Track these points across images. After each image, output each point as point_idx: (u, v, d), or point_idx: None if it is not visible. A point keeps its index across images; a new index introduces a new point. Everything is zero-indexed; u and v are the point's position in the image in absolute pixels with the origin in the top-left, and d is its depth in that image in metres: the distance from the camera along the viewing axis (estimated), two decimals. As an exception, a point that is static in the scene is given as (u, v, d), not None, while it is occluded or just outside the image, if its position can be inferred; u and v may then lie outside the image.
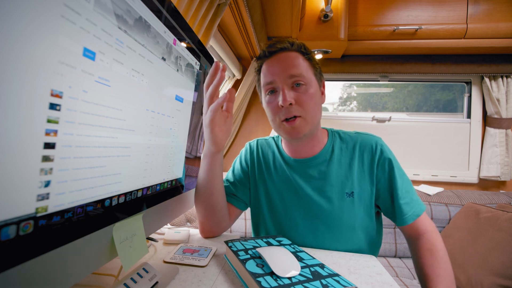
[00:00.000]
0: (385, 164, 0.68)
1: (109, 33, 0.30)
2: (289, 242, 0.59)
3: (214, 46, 1.26)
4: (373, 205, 0.67)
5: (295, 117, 0.63)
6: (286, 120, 0.64)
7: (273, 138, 0.82)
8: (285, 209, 0.71)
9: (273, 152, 0.77)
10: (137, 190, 0.41)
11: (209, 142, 0.60)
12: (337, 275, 0.45)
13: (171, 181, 0.54)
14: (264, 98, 0.69)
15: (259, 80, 0.71)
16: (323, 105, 0.95)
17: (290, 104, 0.62)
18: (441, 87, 1.95)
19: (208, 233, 0.70)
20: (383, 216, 0.73)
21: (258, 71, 0.71)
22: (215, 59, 0.65)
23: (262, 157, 0.78)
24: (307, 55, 0.67)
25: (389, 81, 1.85)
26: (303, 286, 0.40)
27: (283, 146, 0.77)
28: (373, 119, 1.83)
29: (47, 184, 0.24)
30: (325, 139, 0.72)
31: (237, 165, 0.80)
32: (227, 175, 0.80)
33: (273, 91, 0.66)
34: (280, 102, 0.62)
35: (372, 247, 0.71)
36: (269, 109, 0.67)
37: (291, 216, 0.71)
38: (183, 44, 0.50)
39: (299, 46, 0.66)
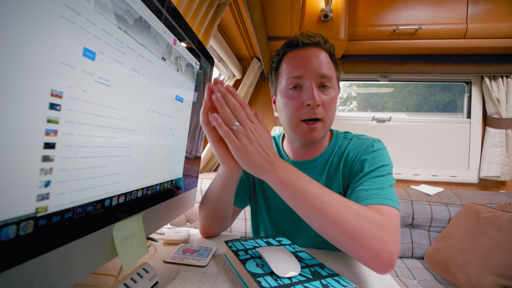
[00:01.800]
0: (362, 156, 0.62)
1: (109, 33, 0.30)
2: (289, 242, 0.59)
3: (214, 46, 1.26)
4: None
5: (317, 120, 0.60)
6: (308, 121, 0.60)
7: (274, 137, 0.81)
8: (281, 209, 0.72)
9: None
10: (137, 190, 0.41)
11: (217, 158, 0.53)
12: (337, 275, 0.45)
13: (171, 181, 0.54)
14: (283, 90, 0.63)
15: (277, 71, 0.66)
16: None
17: (318, 105, 0.59)
18: (441, 87, 1.95)
19: (209, 234, 0.71)
20: None
21: (279, 62, 0.66)
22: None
23: None
24: (333, 57, 0.65)
25: (389, 81, 1.85)
26: (303, 286, 0.40)
27: (284, 146, 0.75)
28: (373, 119, 1.83)
29: (47, 184, 0.24)
30: (328, 142, 0.71)
31: None
32: None
33: (296, 87, 0.61)
34: (308, 101, 0.58)
35: None
36: (289, 106, 0.62)
37: (286, 217, 0.71)
38: (183, 44, 0.50)
39: (331, 46, 0.63)
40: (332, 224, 0.44)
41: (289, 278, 0.42)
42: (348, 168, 0.64)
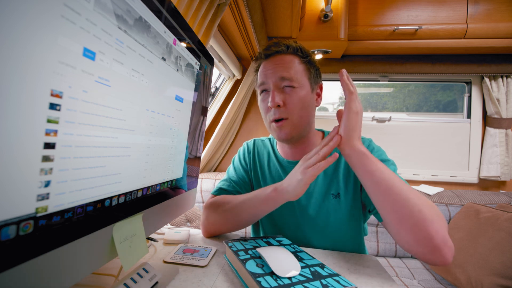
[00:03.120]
0: None
1: (109, 33, 0.30)
2: (289, 242, 0.59)
3: (214, 46, 1.26)
4: (358, 205, 0.67)
5: (282, 119, 0.65)
6: (275, 121, 0.66)
7: (269, 138, 0.83)
8: (278, 209, 0.72)
9: (268, 152, 0.79)
10: (137, 190, 0.41)
11: (294, 192, 0.55)
12: (337, 275, 0.45)
13: (171, 181, 0.54)
14: (258, 96, 0.72)
15: (256, 80, 0.73)
16: (322, 106, 0.96)
17: (278, 106, 0.64)
18: (441, 87, 1.94)
19: (213, 235, 0.71)
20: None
21: (256, 71, 0.73)
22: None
23: (258, 157, 0.79)
24: (305, 58, 0.68)
25: (389, 81, 1.85)
26: (303, 286, 0.40)
27: (278, 147, 0.78)
28: (373, 119, 1.83)
29: (47, 184, 0.24)
30: (319, 142, 0.73)
31: (237, 164, 0.81)
32: (230, 173, 0.80)
33: (264, 91, 0.68)
34: (269, 103, 0.64)
35: (358, 246, 0.70)
36: (262, 109, 0.70)
37: (284, 216, 0.72)
38: (183, 44, 0.50)
39: (295, 49, 0.67)
40: (407, 210, 0.48)
41: (289, 278, 0.42)
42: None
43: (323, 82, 0.77)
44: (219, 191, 0.75)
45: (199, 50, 0.59)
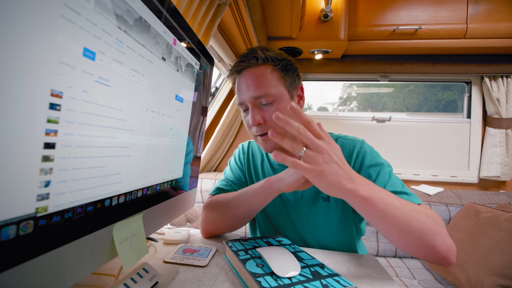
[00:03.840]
0: (360, 169, 0.64)
1: (109, 33, 0.30)
2: (289, 242, 0.59)
3: (214, 46, 1.26)
4: (349, 209, 0.67)
5: (266, 133, 0.63)
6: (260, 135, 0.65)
7: None
8: (272, 210, 0.74)
9: (262, 154, 0.80)
10: (137, 190, 0.41)
11: (288, 181, 0.54)
12: (337, 275, 0.45)
13: (171, 181, 0.54)
14: (241, 113, 0.70)
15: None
16: (323, 105, 0.95)
17: (259, 123, 0.63)
18: (441, 87, 1.95)
19: (211, 234, 0.71)
20: None
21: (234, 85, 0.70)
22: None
23: (252, 159, 0.80)
24: (278, 64, 0.64)
25: (389, 81, 1.85)
26: (303, 286, 0.40)
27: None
28: (373, 119, 1.83)
29: (47, 184, 0.24)
30: None
31: (234, 164, 0.82)
32: (227, 174, 0.81)
33: (246, 109, 0.66)
34: (250, 123, 0.63)
35: (351, 246, 0.70)
36: (245, 124, 0.69)
37: (277, 217, 0.73)
38: (183, 44, 0.50)
39: (264, 59, 0.63)
40: (413, 235, 0.46)
41: (289, 278, 0.42)
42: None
43: (324, 82, 0.77)
44: (217, 191, 0.75)
45: (199, 50, 0.59)
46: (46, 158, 0.24)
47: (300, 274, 0.44)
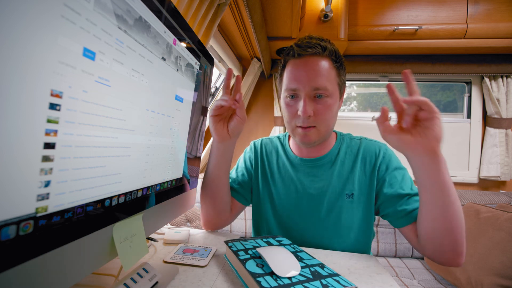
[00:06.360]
0: (386, 169, 0.67)
1: (109, 33, 0.30)
2: (289, 242, 0.59)
3: (214, 46, 1.26)
4: (372, 208, 0.67)
5: (310, 126, 0.64)
6: (302, 127, 0.64)
7: (277, 137, 0.83)
8: (287, 207, 0.73)
9: (277, 151, 0.79)
10: (137, 190, 0.41)
11: (213, 134, 0.64)
12: (337, 275, 0.45)
13: (171, 181, 0.54)
14: (283, 97, 0.68)
15: (281, 75, 0.69)
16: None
17: (309, 116, 0.62)
18: (441, 87, 1.94)
19: (210, 223, 0.72)
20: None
21: (283, 67, 0.68)
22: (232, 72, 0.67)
23: (266, 157, 0.79)
24: (337, 62, 0.64)
25: (389, 81, 1.85)
26: (303, 286, 0.40)
27: (291, 144, 0.78)
28: (373, 119, 1.83)
29: (47, 184, 0.24)
30: (334, 141, 0.74)
31: (241, 163, 0.82)
32: (231, 172, 0.81)
33: (293, 96, 0.65)
34: (299, 112, 0.62)
35: (365, 247, 0.71)
36: (287, 112, 0.67)
37: (292, 215, 0.72)
38: (183, 44, 0.50)
39: (331, 52, 0.63)
40: (452, 230, 0.52)
41: (289, 278, 0.42)
42: (370, 170, 0.68)
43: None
44: None
45: (199, 50, 0.59)
46: (46, 158, 0.24)
47: (300, 274, 0.44)
